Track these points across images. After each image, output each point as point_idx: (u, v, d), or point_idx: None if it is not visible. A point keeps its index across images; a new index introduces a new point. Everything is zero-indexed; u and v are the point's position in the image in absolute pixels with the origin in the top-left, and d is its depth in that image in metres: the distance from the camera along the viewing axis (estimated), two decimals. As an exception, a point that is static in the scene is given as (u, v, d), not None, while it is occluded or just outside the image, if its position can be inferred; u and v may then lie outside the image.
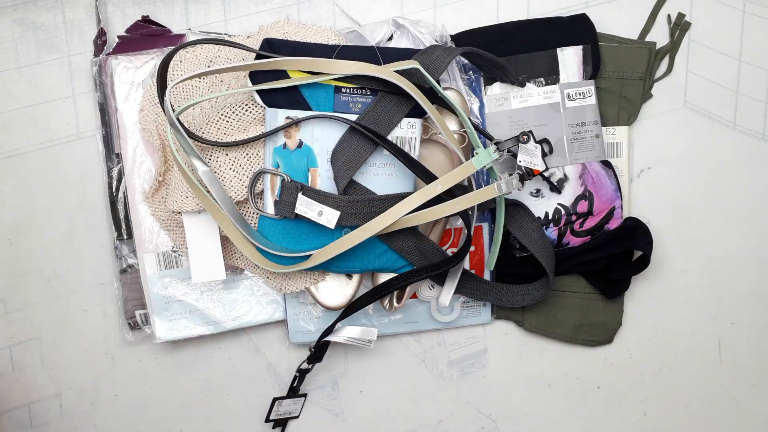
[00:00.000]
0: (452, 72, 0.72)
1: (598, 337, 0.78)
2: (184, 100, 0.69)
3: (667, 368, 0.80)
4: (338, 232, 0.66)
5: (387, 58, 0.66)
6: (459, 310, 0.76)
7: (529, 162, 0.68)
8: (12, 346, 0.75)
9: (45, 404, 0.76)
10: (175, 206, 0.68)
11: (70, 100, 0.73)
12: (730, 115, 0.77)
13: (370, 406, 0.78)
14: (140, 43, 0.71)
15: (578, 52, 0.73)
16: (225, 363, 0.77)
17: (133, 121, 0.71)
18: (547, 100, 0.73)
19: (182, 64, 0.69)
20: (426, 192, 0.64)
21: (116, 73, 0.71)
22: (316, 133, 0.66)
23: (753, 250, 0.78)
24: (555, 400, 0.79)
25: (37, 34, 0.73)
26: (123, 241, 0.73)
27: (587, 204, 0.74)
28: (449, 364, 0.78)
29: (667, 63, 0.76)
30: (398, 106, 0.67)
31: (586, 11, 0.74)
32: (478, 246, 0.75)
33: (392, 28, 0.72)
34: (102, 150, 0.73)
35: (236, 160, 0.67)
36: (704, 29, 0.76)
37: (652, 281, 0.78)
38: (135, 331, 0.74)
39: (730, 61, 0.76)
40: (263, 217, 0.67)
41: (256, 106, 0.67)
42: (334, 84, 0.66)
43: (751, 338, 0.79)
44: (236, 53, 0.69)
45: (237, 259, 0.72)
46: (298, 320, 0.74)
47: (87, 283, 0.75)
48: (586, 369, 0.79)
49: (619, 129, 0.75)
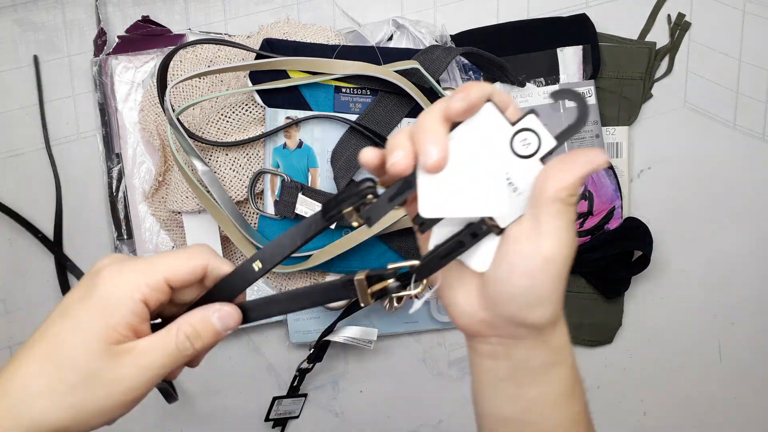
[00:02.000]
0: (452, 72, 0.72)
1: (598, 337, 0.78)
2: (184, 100, 0.69)
3: (667, 368, 0.80)
4: (338, 233, 0.66)
5: (387, 58, 0.66)
6: (459, 310, 0.76)
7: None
8: (12, 346, 0.75)
9: (45, 404, 0.76)
10: (175, 206, 0.68)
11: (70, 100, 0.73)
12: (730, 115, 0.76)
13: (370, 406, 0.78)
14: (140, 43, 0.71)
15: (578, 52, 0.73)
16: (225, 363, 0.77)
17: (133, 121, 0.71)
18: (547, 100, 0.73)
19: (182, 64, 0.69)
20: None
21: (116, 73, 0.71)
22: (316, 133, 0.66)
23: (753, 250, 0.78)
24: (555, 400, 0.79)
25: (37, 34, 0.73)
26: (123, 241, 0.73)
27: (587, 204, 0.74)
28: (449, 364, 0.78)
29: (667, 63, 0.76)
30: (398, 106, 0.67)
31: (586, 11, 0.74)
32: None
33: (392, 28, 0.72)
34: (102, 150, 0.73)
35: (236, 160, 0.67)
36: (704, 29, 0.76)
37: (652, 281, 0.78)
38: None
39: (730, 61, 0.76)
40: (263, 217, 0.67)
41: (256, 106, 0.67)
42: (334, 84, 0.66)
43: (751, 338, 0.79)
44: (236, 53, 0.69)
45: (237, 260, 0.72)
46: (298, 320, 0.74)
47: (87, 283, 0.75)
48: (586, 369, 0.79)
49: (619, 129, 0.75)
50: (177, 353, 0.37)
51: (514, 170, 0.36)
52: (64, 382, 0.35)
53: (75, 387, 0.35)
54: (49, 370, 0.35)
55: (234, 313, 0.39)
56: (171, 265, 0.37)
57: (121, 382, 0.36)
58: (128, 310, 0.36)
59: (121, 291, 0.36)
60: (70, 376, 0.35)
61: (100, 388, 0.35)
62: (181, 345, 0.37)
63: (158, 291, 0.37)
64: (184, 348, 0.37)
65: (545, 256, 0.36)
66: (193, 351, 0.38)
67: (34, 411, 0.34)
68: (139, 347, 0.36)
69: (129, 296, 0.36)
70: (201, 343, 0.38)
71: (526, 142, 0.36)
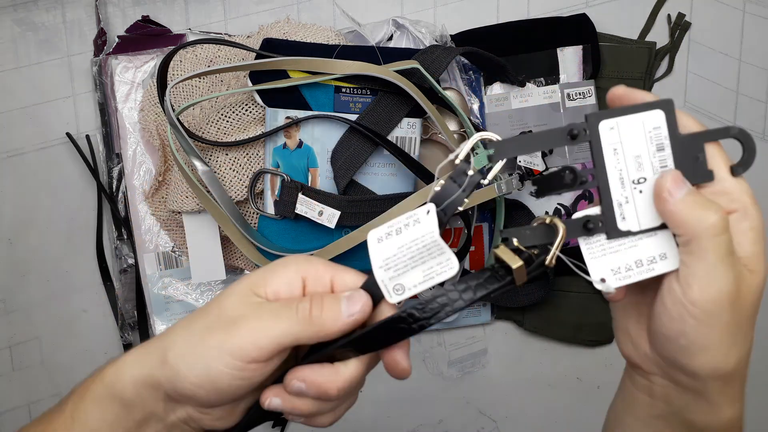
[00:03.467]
0: (452, 72, 0.72)
1: (598, 337, 0.78)
2: (184, 100, 0.69)
3: (667, 368, 0.80)
4: (338, 233, 0.66)
5: (387, 58, 0.66)
6: (459, 310, 0.76)
7: (529, 162, 0.68)
8: (12, 346, 0.75)
9: (45, 404, 0.76)
10: (175, 206, 0.68)
11: (70, 100, 0.73)
12: (730, 115, 0.76)
13: (370, 406, 0.78)
14: (140, 43, 0.71)
15: (578, 52, 0.73)
16: (225, 363, 0.77)
17: (133, 121, 0.71)
18: (547, 100, 0.73)
19: (182, 64, 0.68)
20: (426, 192, 0.64)
21: (116, 73, 0.71)
22: (316, 133, 0.66)
23: (753, 250, 0.78)
24: (555, 400, 0.79)
25: (37, 34, 0.73)
26: (123, 241, 0.73)
27: (587, 204, 0.74)
28: (449, 364, 0.78)
29: (667, 63, 0.76)
30: (398, 106, 0.66)
31: (586, 11, 0.74)
32: (478, 246, 0.75)
33: (392, 28, 0.72)
34: (102, 150, 0.73)
35: (236, 160, 0.67)
36: (704, 29, 0.76)
37: (652, 281, 0.78)
38: (135, 331, 0.74)
39: (730, 61, 0.76)
40: (263, 217, 0.67)
41: (256, 106, 0.67)
42: (334, 84, 0.66)
43: (751, 338, 0.79)
44: (236, 53, 0.69)
45: (237, 259, 0.72)
46: (298, 320, 0.74)
47: (87, 283, 0.75)
48: (586, 369, 0.79)
49: (619, 129, 0.75)
50: (296, 316, 0.35)
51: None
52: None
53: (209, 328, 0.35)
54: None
55: (363, 298, 0.36)
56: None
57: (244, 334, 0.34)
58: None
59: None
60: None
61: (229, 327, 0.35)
62: (301, 307, 0.35)
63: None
64: (303, 310, 0.35)
65: (692, 300, 0.32)
66: (311, 324, 0.35)
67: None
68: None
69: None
70: (319, 313, 0.35)
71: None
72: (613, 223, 0.35)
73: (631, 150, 0.35)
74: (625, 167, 0.35)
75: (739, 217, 0.35)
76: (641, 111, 0.35)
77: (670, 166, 0.35)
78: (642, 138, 0.35)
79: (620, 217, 0.35)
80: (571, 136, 0.35)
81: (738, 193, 0.35)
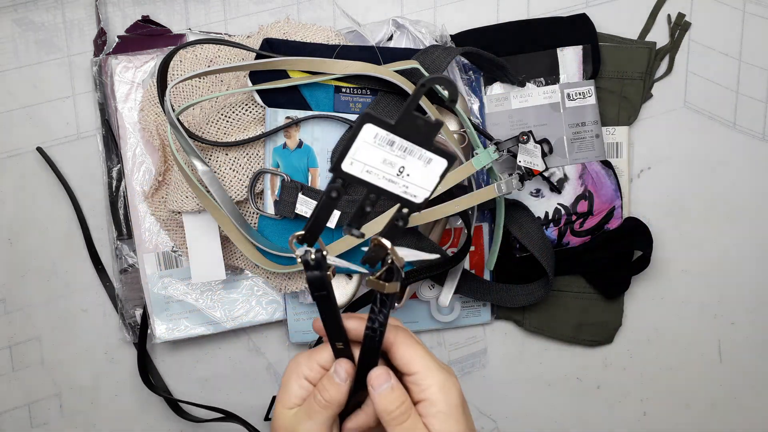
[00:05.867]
0: (452, 72, 0.72)
1: (598, 337, 0.78)
2: (184, 100, 0.69)
3: (667, 368, 0.80)
4: (338, 233, 0.66)
5: (387, 58, 0.66)
6: (459, 310, 0.76)
7: (529, 162, 0.68)
8: (12, 346, 0.75)
9: (45, 404, 0.76)
10: (175, 206, 0.68)
11: (70, 100, 0.73)
12: (730, 115, 0.77)
13: (370, 406, 0.78)
14: (140, 43, 0.71)
15: (578, 52, 0.73)
16: (225, 363, 0.77)
17: (133, 121, 0.71)
18: (547, 100, 0.73)
19: (182, 64, 0.69)
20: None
21: (116, 73, 0.71)
22: (316, 133, 0.66)
23: (753, 250, 0.78)
24: (555, 400, 0.79)
25: (37, 34, 0.73)
26: (123, 241, 0.73)
27: (587, 204, 0.74)
28: (449, 364, 0.78)
29: (667, 63, 0.76)
30: (398, 106, 0.67)
31: (586, 11, 0.74)
32: (478, 246, 0.75)
33: (392, 28, 0.72)
34: (102, 150, 0.73)
35: (236, 160, 0.67)
36: (704, 29, 0.76)
37: (652, 281, 0.78)
38: (135, 331, 0.74)
39: (730, 61, 0.76)
40: (263, 217, 0.67)
41: (256, 106, 0.67)
42: (334, 84, 0.66)
43: (751, 338, 0.79)
44: (236, 53, 0.69)
45: (237, 259, 0.72)
46: (298, 320, 0.74)
47: (87, 283, 0.75)
48: (586, 369, 0.79)
49: (619, 129, 0.75)
50: (317, 407, 0.46)
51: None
52: None
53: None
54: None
55: (343, 365, 0.47)
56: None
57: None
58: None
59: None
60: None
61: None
62: (316, 399, 0.46)
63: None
64: (318, 401, 0.46)
65: None
66: (329, 404, 0.46)
67: None
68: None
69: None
70: (326, 394, 0.46)
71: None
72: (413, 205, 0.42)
73: (374, 161, 0.40)
74: (383, 173, 0.40)
75: (427, 404, 0.45)
76: (355, 135, 0.39)
77: (407, 146, 0.39)
78: (374, 149, 0.39)
79: (412, 197, 0.41)
80: (337, 192, 0.40)
81: (426, 384, 0.45)
